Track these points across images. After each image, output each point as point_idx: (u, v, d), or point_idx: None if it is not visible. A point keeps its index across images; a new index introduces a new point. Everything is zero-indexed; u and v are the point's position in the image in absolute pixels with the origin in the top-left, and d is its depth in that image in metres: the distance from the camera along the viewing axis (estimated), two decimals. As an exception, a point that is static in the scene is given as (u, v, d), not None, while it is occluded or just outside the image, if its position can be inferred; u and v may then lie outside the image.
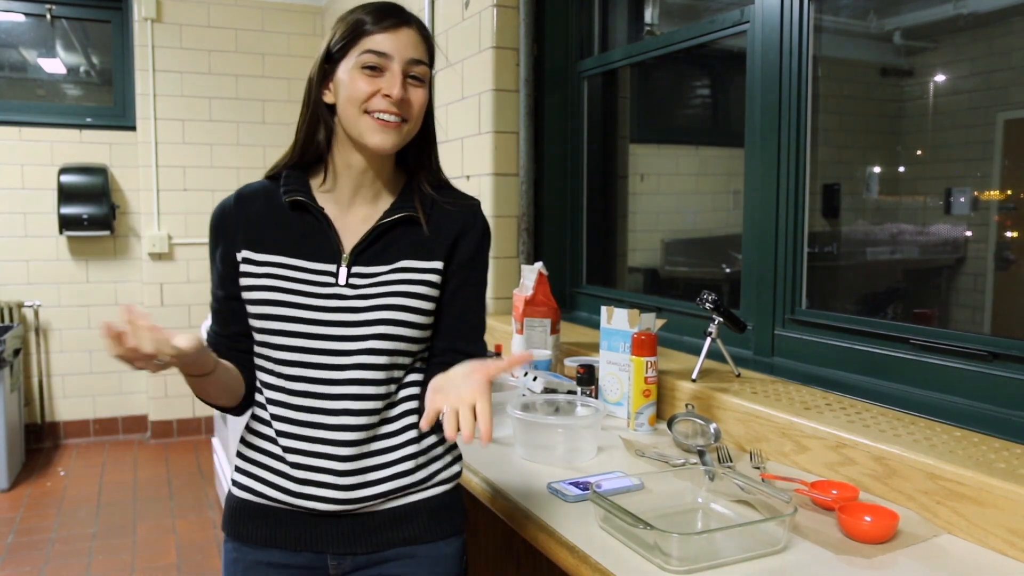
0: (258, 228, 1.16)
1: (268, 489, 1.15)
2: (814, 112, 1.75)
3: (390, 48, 1.11)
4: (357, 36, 1.12)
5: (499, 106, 2.61)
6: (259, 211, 1.17)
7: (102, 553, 3.14)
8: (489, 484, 1.33)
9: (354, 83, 1.11)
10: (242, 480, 1.19)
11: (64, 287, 4.52)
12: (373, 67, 1.11)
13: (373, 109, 1.11)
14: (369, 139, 1.12)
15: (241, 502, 1.18)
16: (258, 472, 1.17)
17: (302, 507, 1.13)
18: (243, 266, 1.14)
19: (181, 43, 4.50)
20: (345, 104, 1.12)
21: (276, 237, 1.15)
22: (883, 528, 1.10)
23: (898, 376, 1.54)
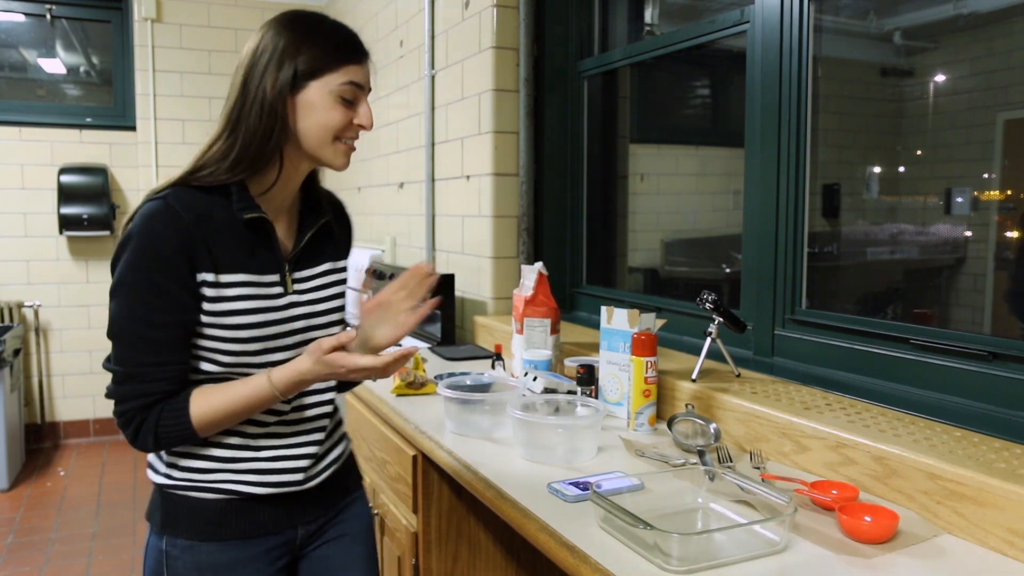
0: (220, 247, 1.12)
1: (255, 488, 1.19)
2: (814, 112, 1.75)
3: (364, 80, 1.18)
4: (337, 63, 1.14)
5: (499, 106, 2.61)
6: (217, 229, 1.12)
7: (102, 553, 3.14)
8: (489, 484, 1.33)
9: (330, 112, 1.14)
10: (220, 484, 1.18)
11: (64, 287, 4.53)
12: (348, 98, 1.15)
13: (346, 137, 1.17)
14: (335, 162, 1.19)
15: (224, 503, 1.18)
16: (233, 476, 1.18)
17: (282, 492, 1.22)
18: (210, 289, 1.10)
19: (181, 43, 4.51)
20: (316, 129, 1.15)
21: (236, 255, 1.13)
22: (883, 528, 1.10)
23: (898, 376, 1.54)
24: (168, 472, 1.19)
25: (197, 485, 1.18)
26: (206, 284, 1.10)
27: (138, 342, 1.09)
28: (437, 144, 3.10)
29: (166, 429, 1.10)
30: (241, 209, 1.13)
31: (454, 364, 2.26)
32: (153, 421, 1.10)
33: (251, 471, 1.19)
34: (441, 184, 3.08)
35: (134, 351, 1.09)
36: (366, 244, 4.00)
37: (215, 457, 1.18)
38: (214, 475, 1.18)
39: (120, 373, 1.10)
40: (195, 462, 1.18)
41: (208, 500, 1.18)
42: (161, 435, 1.11)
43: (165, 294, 1.08)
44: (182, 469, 1.18)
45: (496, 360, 2.15)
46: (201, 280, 1.10)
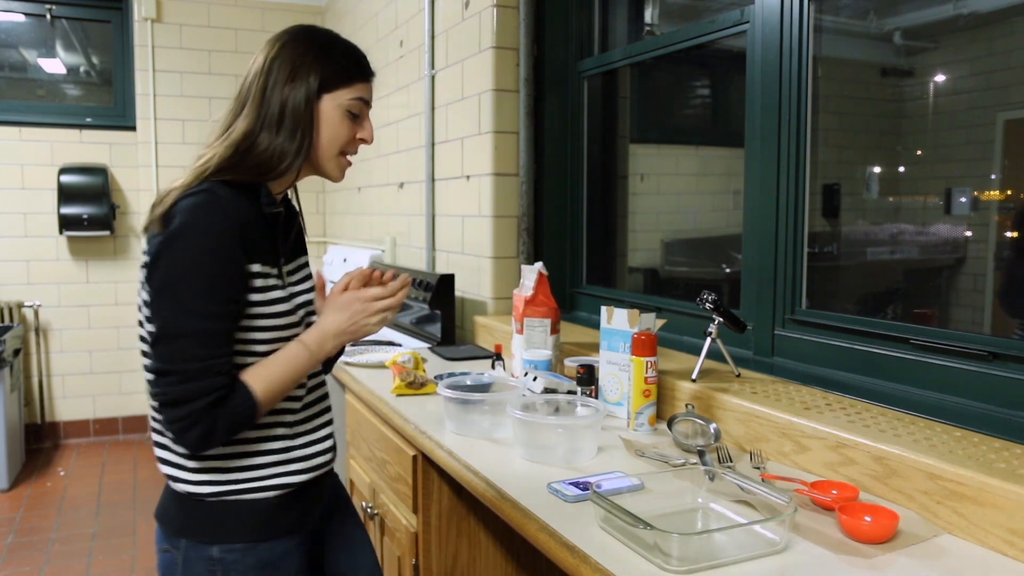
0: (259, 240, 1.17)
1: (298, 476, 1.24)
2: (814, 112, 1.75)
3: (370, 97, 1.25)
4: (349, 79, 1.21)
5: (499, 106, 2.61)
6: (257, 222, 1.17)
7: (102, 553, 3.14)
8: (489, 484, 1.33)
9: (339, 127, 1.21)
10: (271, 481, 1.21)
11: (64, 287, 4.53)
12: (357, 114, 1.23)
13: (349, 151, 1.25)
14: (334, 174, 1.26)
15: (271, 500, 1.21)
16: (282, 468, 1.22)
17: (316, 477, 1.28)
18: (258, 280, 1.15)
19: (181, 43, 4.51)
20: (326, 142, 1.21)
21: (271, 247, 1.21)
22: (883, 528, 1.10)
23: (898, 376, 1.54)
24: (209, 479, 1.18)
25: (253, 487, 1.19)
26: (254, 275, 1.15)
27: (202, 336, 1.09)
28: (437, 144, 3.10)
29: (240, 416, 1.12)
30: (268, 204, 1.20)
31: (454, 364, 2.26)
32: (227, 413, 1.10)
33: (294, 460, 1.24)
34: (441, 184, 3.08)
35: (198, 346, 1.09)
36: (366, 244, 4.01)
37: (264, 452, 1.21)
38: (266, 471, 1.21)
39: (185, 371, 1.08)
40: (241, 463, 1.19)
41: (264, 499, 1.20)
42: (236, 424, 1.12)
43: (224, 285, 1.10)
44: (229, 471, 1.18)
45: (496, 360, 2.15)
46: (251, 271, 1.14)
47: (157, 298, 1.10)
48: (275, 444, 1.22)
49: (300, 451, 1.25)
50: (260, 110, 1.18)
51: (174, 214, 1.10)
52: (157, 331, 1.10)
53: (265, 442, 1.20)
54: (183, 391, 1.08)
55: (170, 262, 1.09)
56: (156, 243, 1.10)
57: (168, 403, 1.10)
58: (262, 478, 1.20)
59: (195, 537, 1.19)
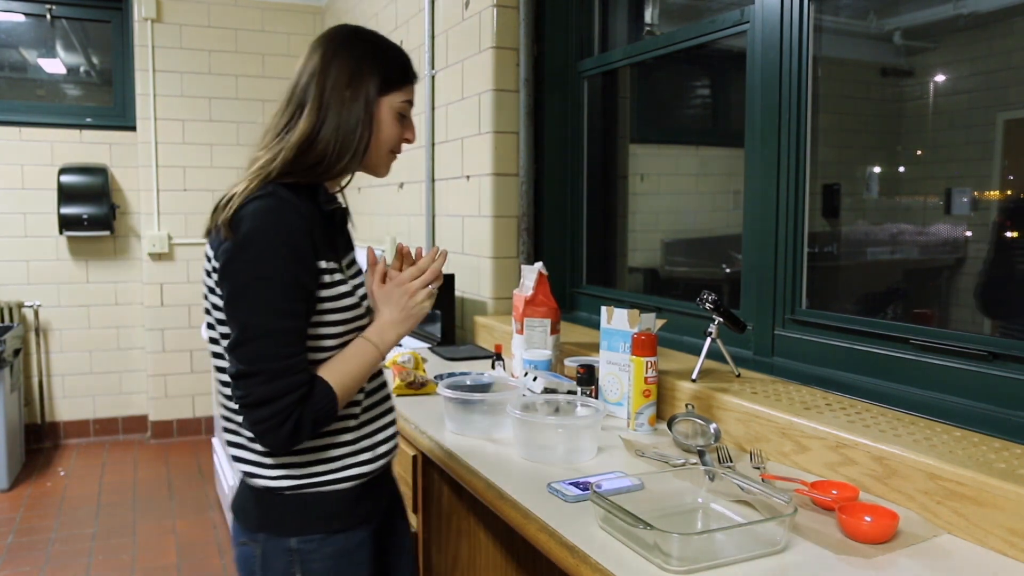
0: (324, 237, 1.21)
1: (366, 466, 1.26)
2: (814, 112, 1.75)
3: (414, 99, 1.30)
4: (401, 81, 1.26)
5: (499, 106, 2.61)
6: (319, 220, 1.21)
7: (102, 553, 3.14)
8: (489, 484, 1.33)
9: (392, 127, 1.26)
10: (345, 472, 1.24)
11: (64, 287, 4.53)
12: (405, 115, 1.28)
13: (397, 151, 1.29)
14: (384, 172, 1.30)
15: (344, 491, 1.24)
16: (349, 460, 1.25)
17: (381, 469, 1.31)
18: (327, 276, 1.18)
19: (181, 43, 4.51)
20: (381, 142, 1.26)
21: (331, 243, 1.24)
22: (883, 528, 1.10)
23: (898, 376, 1.54)
24: (287, 473, 1.21)
25: (329, 479, 1.22)
26: (323, 271, 1.18)
27: (281, 336, 1.12)
28: (437, 144, 3.10)
29: (323, 411, 1.15)
30: (327, 202, 1.25)
31: (454, 364, 2.26)
32: (311, 408, 1.13)
33: (364, 450, 1.26)
34: (441, 184, 3.08)
35: (280, 345, 1.12)
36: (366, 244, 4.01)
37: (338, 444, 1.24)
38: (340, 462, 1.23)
39: (269, 371, 1.11)
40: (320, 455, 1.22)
41: (339, 490, 1.23)
42: (320, 418, 1.15)
43: (299, 284, 1.13)
44: (306, 465, 1.22)
45: (496, 360, 2.15)
46: (322, 267, 1.17)
47: (233, 302, 1.12)
48: (346, 436, 1.24)
49: (368, 440, 1.28)
50: (321, 112, 1.20)
51: (241, 218, 1.12)
52: (237, 334, 1.12)
53: (338, 434, 1.23)
54: (269, 390, 1.11)
55: (244, 266, 1.11)
56: (226, 248, 1.13)
57: (253, 404, 1.11)
58: (337, 470, 1.23)
59: (274, 530, 1.23)
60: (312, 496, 1.22)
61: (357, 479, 1.25)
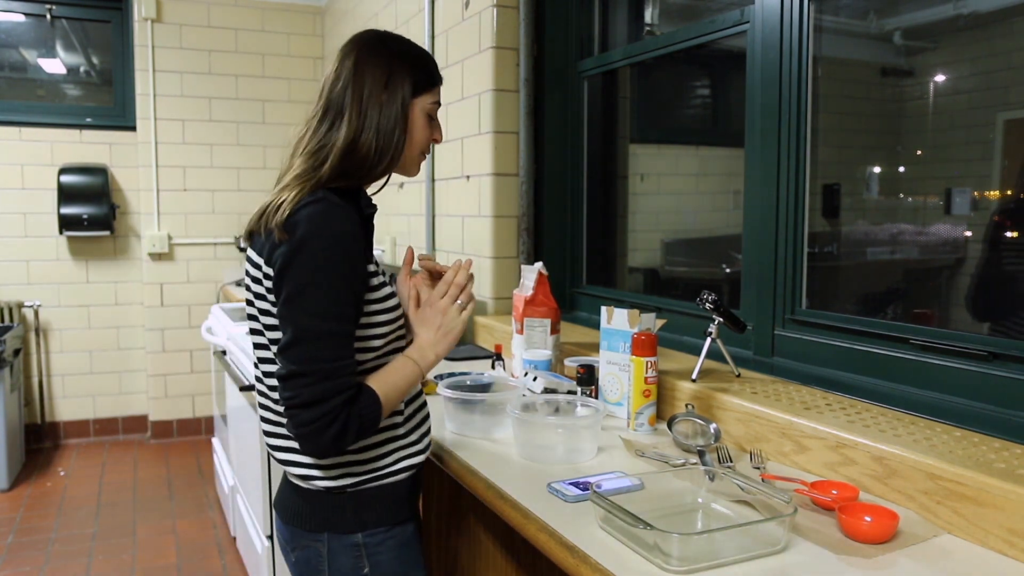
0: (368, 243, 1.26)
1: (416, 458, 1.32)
2: (814, 112, 1.75)
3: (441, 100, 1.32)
4: (429, 83, 1.28)
5: (499, 106, 2.61)
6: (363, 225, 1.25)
7: (102, 553, 3.14)
8: (489, 484, 1.33)
9: (423, 129, 1.28)
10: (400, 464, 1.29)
11: (64, 287, 4.53)
12: (432, 117, 1.29)
13: (427, 151, 1.32)
14: (413, 172, 1.32)
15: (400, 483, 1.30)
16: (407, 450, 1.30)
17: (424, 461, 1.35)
18: (374, 279, 1.23)
19: (181, 43, 4.51)
20: (414, 143, 1.28)
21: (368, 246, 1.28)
22: (883, 528, 1.10)
23: (898, 376, 1.54)
24: (348, 471, 1.25)
25: (388, 471, 1.27)
26: (372, 275, 1.22)
27: (334, 338, 1.14)
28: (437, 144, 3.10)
29: (369, 417, 1.18)
30: (367, 206, 1.28)
31: (454, 364, 2.26)
32: (358, 412, 1.16)
33: (411, 443, 1.31)
34: (441, 184, 3.08)
35: (330, 348, 1.13)
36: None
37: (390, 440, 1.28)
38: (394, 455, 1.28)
39: (319, 372, 1.12)
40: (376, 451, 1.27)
41: (400, 481, 1.29)
42: (365, 424, 1.17)
43: (352, 289, 1.16)
44: (365, 462, 1.26)
45: (496, 360, 2.15)
46: (370, 271, 1.22)
47: (288, 304, 1.14)
48: (399, 430, 1.29)
49: (416, 433, 1.33)
50: (361, 116, 1.22)
51: (296, 222, 1.14)
52: (290, 335, 1.14)
53: (391, 430, 1.28)
54: (319, 391, 1.12)
55: (300, 269, 1.13)
56: (282, 252, 1.14)
57: (302, 404, 1.13)
58: (393, 463, 1.28)
59: (339, 528, 1.26)
60: (374, 491, 1.27)
61: (409, 470, 1.31)
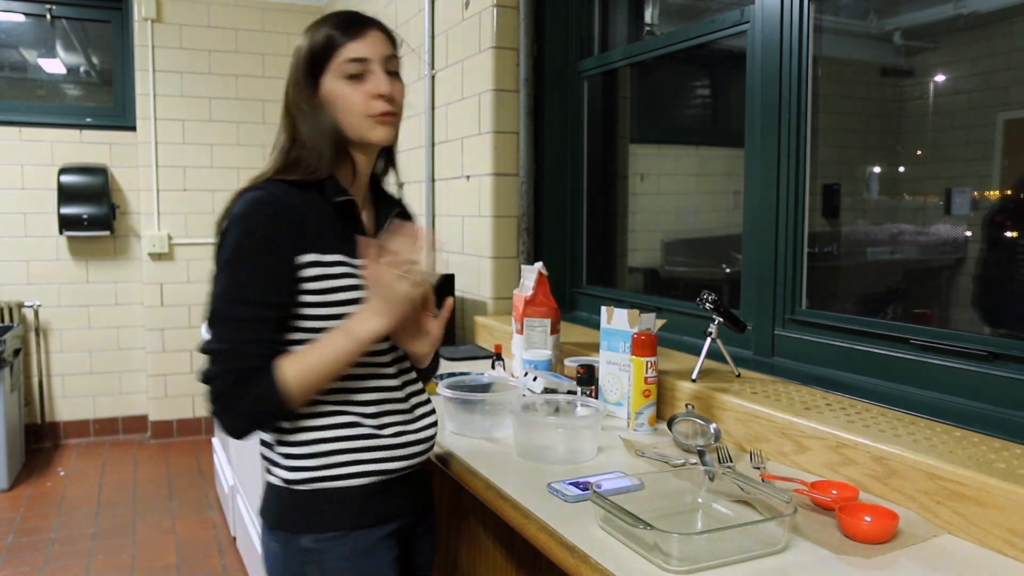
0: (319, 230, 1.19)
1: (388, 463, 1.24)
2: (814, 112, 1.75)
3: (367, 52, 1.20)
4: (330, 50, 1.20)
5: (499, 106, 2.61)
6: (314, 214, 1.19)
7: (102, 553, 3.14)
8: (489, 484, 1.33)
9: (345, 96, 1.20)
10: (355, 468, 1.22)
11: (64, 287, 4.53)
12: (356, 75, 1.20)
13: (374, 112, 1.21)
14: (374, 136, 1.22)
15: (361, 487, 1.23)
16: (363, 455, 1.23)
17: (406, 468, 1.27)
18: (311, 269, 1.17)
19: (181, 43, 4.51)
20: (345, 115, 1.21)
21: (332, 239, 1.21)
22: (883, 528, 1.10)
23: (898, 376, 1.54)
24: (301, 465, 1.21)
25: (341, 473, 1.21)
26: (309, 265, 1.17)
27: (235, 322, 1.14)
28: (437, 144, 3.10)
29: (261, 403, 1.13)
30: (333, 194, 1.22)
31: (454, 364, 2.26)
32: (253, 395, 1.13)
33: (383, 448, 1.24)
34: (441, 184, 3.08)
35: (230, 330, 1.14)
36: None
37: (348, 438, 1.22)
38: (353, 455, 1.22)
39: (215, 352, 1.14)
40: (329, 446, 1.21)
41: (355, 487, 1.22)
42: (261, 407, 1.14)
43: (264, 275, 1.14)
44: (317, 456, 1.21)
45: (496, 360, 2.15)
46: (305, 261, 1.17)
47: (210, 283, 1.17)
48: (358, 429, 1.22)
49: (384, 434, 1.24)
50: (288, 116, 1.25)
51: (228, 211, 1.18)
52: (206, 316, 1.17)
53: (349, 428, 1.22)
54: (212, 372, 1.14)
55: (219, 255, 1.17)
56: (217, 235, 1.19)
57: (205, 382, 1.15)
58: (350, 462, 1.21)
59: (289, 528, 1.23)
60: (326, 492, 1.21)
61: (374, 476, 1.23)
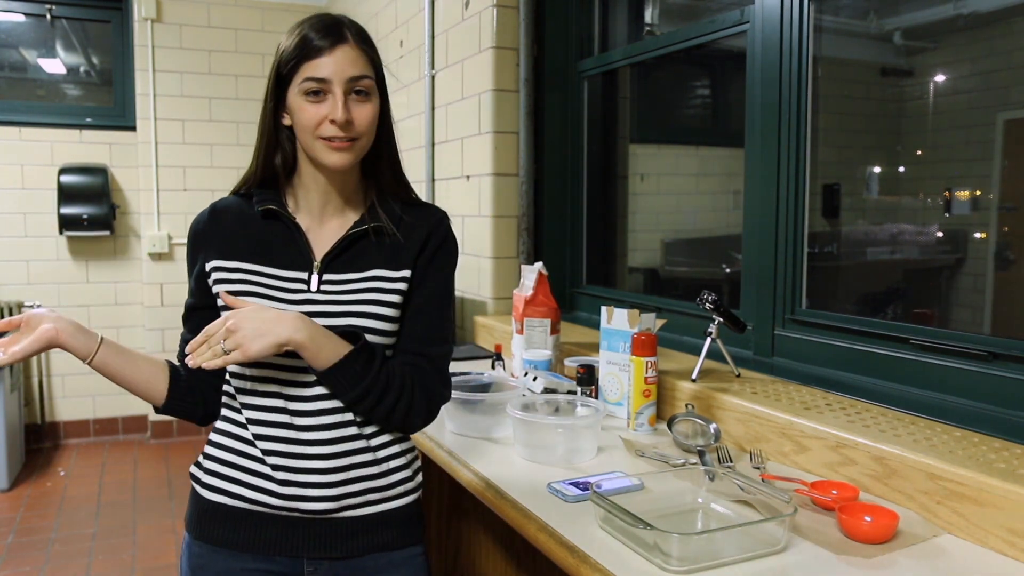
0: (230, 238, 1.20)
1: (249, 491, 1.15)
2: (814, 112, 1.75)
3: (328, 72, 1.13)
4: (299, 61, 1.15)
5: (499, 106, 2.61)
6: (231, 222, 1.22)
7: (102, 553, 3.14)
8: (489, 484, 1.33)
9: (302, 112, 1.15)
10: (216, 483, 1.18)
11: (64, 287, 4.52)
12: (315, 92, 1.14)
13: (324, 136, 1.14)
14: (325, 159, 1.15)
15: (215, 505, 1.18)
16: (236, 475, 1.16)
17: (284, 509, 1.14)
18: (214, 274, 1.18)
19: (181, 43, 4.50)
20: (299, 131, 1.18)
21: (247, 246, 1.19)
22: (883, 528, 1.10)
23: (898, 376, 1.54)
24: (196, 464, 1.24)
25: (200, 480, 1.21)
26: (214, 270, 1.18)
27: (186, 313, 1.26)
28: (437, 144, 3.10)
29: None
30: (258, 203, 1.21)
31: (454, 364, 2.26)
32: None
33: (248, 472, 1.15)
34: (441, 184, 3.08)
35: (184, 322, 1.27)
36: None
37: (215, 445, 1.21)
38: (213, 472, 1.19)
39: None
40: (206, 458, 1.22)
41: (204, 498, 1.19)
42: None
43: (192, 279, 1.24)
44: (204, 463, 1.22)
45: (496, 360, 2.15)
46: (209, 268, 1.19)
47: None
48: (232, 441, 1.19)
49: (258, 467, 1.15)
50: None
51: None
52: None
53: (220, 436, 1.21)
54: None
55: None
56: None
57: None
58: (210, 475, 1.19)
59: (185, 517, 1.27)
60: (192, 492, 1.23)
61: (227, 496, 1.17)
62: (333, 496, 1.14)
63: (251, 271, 1.17)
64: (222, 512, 1.18)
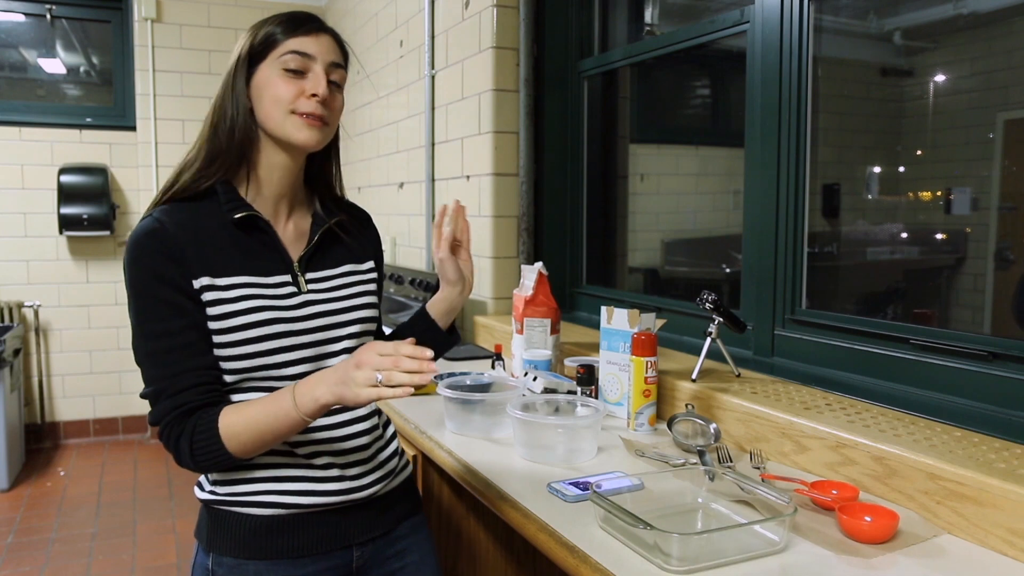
0: (214, 251, 1.11)
1: (303, 498, 1.16)
2: (814, 112, 1.75)
3: (312, 49, 1.14)
4: (276, 40, 1.13)
5: (499, 106, 2.61)
6: (208, 234, 1.11)
7: (102, 553, 3.14)
8: (489, 484, 1.33)
9: (277, 86, 1.12)
10: (265, 498, 1.15)
11: (64, 287, 4.53)
12: (295, 69, 1.13)
13: (301, 110, 1.13)
14: (296, 136, 1.13)
15: (270, 519, 1.15)
16: (286, 486, 1.15)
17: (339, 504, 1.19)
18: (206, 294, 1.09)
19: (181, 43, 4.51)
20: (270, 106, 1.13)
21: (233, 258, 1.13)
22: (883, 528, 1.10)
23: (898, 376, 1.54)
24: (213, 488, 1.17)
25: (243, 500, 1.15)
26: (205, 289, 1.09)
27: (159, 356, 1.07)
28: (437, 144, 3.10)
29: (200, 443, 1.06)
30: (231, 210, 1.13)
31: (454, 364, 2.26)
32: (188, 433, 1.06)
33: (295, 479, 1.16)
34: (441, 184, 3.08)
35: (158, 366, 1.07)
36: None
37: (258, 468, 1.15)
38: (259, 486, 1.15)
39: (152, 393, 1.08)
40: (241, 475, 1.16)
41: (255, 516, 1.15)
42: (196, 449, 1.06)
43: (169, 304, 1.07)
44: (227, 484, 1.16)
45: (496, 360, 2.15)
46: (200, 286, 1.09)
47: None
48: (273, 459, 1.15)
49: (306, 471, 1.16)
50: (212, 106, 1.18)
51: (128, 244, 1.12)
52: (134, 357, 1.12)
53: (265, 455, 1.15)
54: (155, 414, 1.09)
55: (127, 289, 1.11)
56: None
57: (151, 424, 1.11)
58: (255, 493, 1.15)
59: (201, 544, 1.20)
60: (227, 515, 1.15)
61: (278, 508, 1.15)
62: (375, 480, 1.23)
63: (244, 284, 1.12)
64: (278, 523, 1.15)
